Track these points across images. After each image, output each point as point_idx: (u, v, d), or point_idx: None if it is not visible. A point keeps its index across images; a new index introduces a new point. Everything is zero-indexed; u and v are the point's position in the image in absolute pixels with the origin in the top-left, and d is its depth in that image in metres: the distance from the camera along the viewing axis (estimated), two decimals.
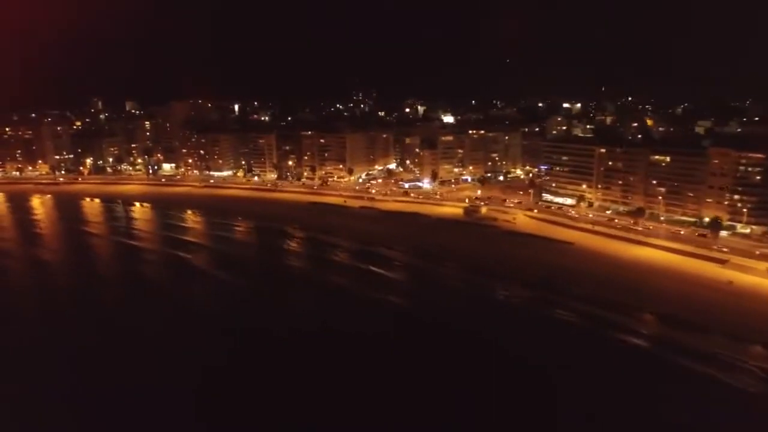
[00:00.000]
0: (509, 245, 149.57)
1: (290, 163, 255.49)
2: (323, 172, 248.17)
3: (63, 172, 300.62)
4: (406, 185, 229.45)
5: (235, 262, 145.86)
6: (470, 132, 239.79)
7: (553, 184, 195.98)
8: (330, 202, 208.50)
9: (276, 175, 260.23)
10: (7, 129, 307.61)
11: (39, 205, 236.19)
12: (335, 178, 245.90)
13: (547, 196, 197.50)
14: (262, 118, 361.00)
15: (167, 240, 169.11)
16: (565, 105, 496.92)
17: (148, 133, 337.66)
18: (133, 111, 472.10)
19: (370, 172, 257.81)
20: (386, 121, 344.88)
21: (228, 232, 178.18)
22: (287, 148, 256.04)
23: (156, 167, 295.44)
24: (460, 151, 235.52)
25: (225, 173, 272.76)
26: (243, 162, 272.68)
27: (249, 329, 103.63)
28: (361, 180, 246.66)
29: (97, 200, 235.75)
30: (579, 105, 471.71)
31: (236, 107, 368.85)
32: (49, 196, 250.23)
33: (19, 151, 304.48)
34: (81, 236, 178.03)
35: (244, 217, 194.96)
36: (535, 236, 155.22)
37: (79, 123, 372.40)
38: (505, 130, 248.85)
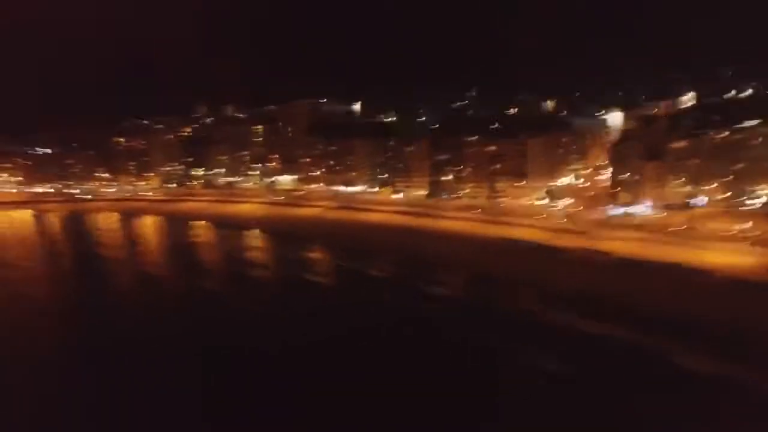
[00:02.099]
0: None
1: (449, 177, 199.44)
2: (488, 190, 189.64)
3: (174, 185, 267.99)
4: (618, 211, 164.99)
5: None
6: (710, 133, 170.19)
7: None
8: (524, 237, 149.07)
9: (426, 193, 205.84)
10: (121, 139, 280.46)
11: (150, 228, 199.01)
12: (509, 198, 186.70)
13: None
14: (387, 120, 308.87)
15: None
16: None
17: (260, 139, 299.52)
18: (236, 115, 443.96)
19: (549, 189, 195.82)
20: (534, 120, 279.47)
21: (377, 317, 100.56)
22: (443, 157, 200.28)
23: (272, 180, 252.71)
24: (694, 161, 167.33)
25: (359, 188, 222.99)
26: (386, 175, 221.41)
27: None
28: (545, 201, 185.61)
29: (208, 225, 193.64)
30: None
31: (357, 107, 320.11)
32: (161, 217, 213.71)
33: (132, 164, 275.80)
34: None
35: (405, 267, 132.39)
36: None
37: (188, 129, 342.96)
38: (750, 131, 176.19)
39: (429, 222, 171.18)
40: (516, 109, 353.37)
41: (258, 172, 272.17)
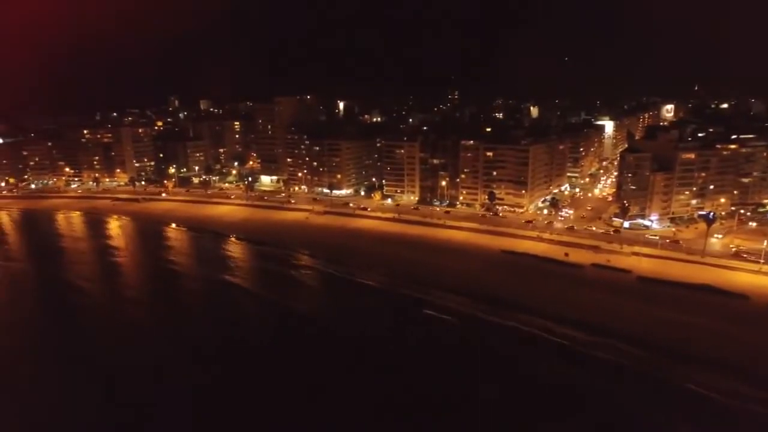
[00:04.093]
0: None
1: (442, 183, 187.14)
2: (485, 198, 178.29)
3: (143, 182, 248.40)
4: (626, 224, 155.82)
5: None
6: (718, 147, 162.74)
7: None
8: (532, 250, 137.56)
9: (417, 198, 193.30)
10: (85, 132, 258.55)
11: (116, 233, 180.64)
12: (504, 207, 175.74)
13: None
14: (375, 120, 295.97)
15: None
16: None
17: (237, 136, 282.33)
18: (211, 109, 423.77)
19: (546, 198, 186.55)
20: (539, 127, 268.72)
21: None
22: (436, 161, 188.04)
23: (249, 179, 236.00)
24: (701, 174, 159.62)
25: (344, 191, 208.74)
26: (374, 178, 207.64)
27: None
28: (544, 210, 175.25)
29: (183, 230, 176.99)
30: None
31: (341, 105, 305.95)
32: (127, 219, 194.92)
33: (96, 158, 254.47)
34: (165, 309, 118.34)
35: (402, 285, 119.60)
36: None
37: (160, 123, 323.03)
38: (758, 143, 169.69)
39: (425, 231, 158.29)
40: (501, 114, 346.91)
41: (235, 172, 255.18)
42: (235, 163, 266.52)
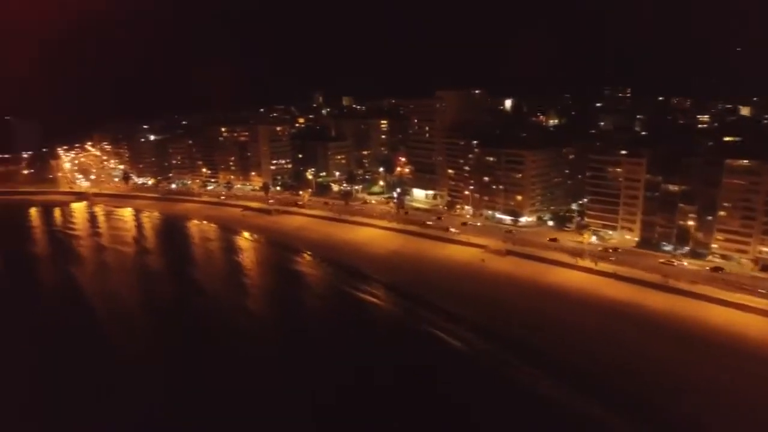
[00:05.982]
0: None
1: (688, 221, 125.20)
2: (762, 250, 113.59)
3: (278, 188, 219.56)
4: None
5: None
6: None
7: None
8: None
9: (636, 238, 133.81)
10: (222, 130, 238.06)
11: (242, 258, 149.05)
12: None
13: None
14: (551, 122, 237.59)
15: None
16: None
17: (384, 137, 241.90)
18: (354, 106, 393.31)
19: None
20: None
21: None
22: (674, 188, 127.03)
23: (398, 190, 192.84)
24: None
25: (524, 219, 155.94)
26: (573, 204, 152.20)
27: None
28: None
29: (318, 262, 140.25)
30: None
31: (507, 103, 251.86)
32: (260, 239, 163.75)
33: (232, 159, 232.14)
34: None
35: None
36: None
37: (302, 121, 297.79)
38: None
39: (674, 302, 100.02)
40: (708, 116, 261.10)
41: (382, 182, 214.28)
42: (381, 169, 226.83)
